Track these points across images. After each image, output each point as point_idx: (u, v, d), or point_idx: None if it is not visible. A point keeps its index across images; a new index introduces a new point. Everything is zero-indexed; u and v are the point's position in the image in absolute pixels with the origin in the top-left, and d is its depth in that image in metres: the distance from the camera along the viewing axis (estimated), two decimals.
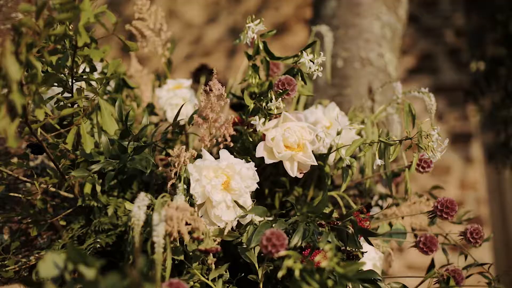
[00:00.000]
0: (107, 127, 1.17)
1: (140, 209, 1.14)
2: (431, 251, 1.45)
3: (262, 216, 1.28)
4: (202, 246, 1.18)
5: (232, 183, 1.28)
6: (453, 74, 4.18)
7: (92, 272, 0.94)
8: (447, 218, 1.40)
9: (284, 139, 1.35)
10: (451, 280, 1.24)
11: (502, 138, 3.59)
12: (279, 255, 1.16)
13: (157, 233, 1.09)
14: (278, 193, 1.55)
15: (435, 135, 1.29)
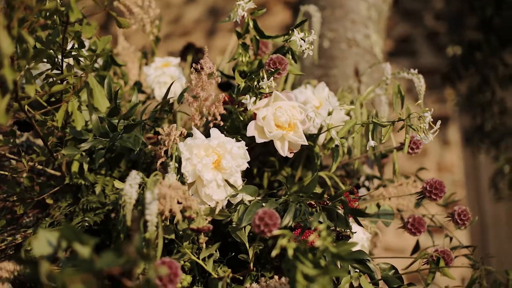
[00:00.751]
0: (99, 105, 1.15)
1: (132, 187, 1.13)
2: (419, 232, 1.46)
3: (253, 195, 1.28)
4: (194, 225, 1.17)
5: (223, 162, 1.28)
6: (432, 58, 4.19)
7: (87, 250, 0.93)
8: (435, 199, 1.41)
9: (275, 118, 1.34)
10: (441, 261, 1.25)
11: (477, 122, 3.62)
12: (272, 234, 1.16)
13: (150, 211, 1.08)
14: (266, 173, 1.54)
15: (428, 117, 1.29)
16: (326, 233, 1.07)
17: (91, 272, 0.90)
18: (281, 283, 1.21)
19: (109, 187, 1.37)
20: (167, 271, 1.00)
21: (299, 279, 1.03)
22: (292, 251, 1.07)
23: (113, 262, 0.91)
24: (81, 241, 0.93)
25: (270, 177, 1.56)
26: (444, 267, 1.24)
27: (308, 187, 1.32)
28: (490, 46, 3.41)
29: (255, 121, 1.35)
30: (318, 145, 1.51)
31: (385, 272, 1.36)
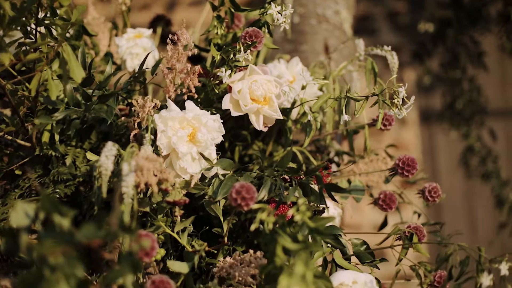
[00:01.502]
0: (74, 75, 1.13)
1: (108, 159, 1.11)
2: (390, 208, 1.47)
3: (228, 169, 1.27)
4: (170, 198, 1.16)
5: (199, 135, 1.26)
6: (392, 36, 4.21)
7: (66, 222, 0.91)
8: (407, 176, 1.42)
9: (251, 92, 1.33)
10: (414, 237, 1.26)
11: (448, 100, 3.65)
12: (249, 208, 1.15)
13: (126, 183, 1.07)
14: (238, 147, 1.54)
15: (403, 92, 1.29)
16: (305, 208, 1.07)
17: (71, 244, 0.88)
18: (256, 257, 1.20)
19: (79, 159, 1.35)
20: (150, 243, 0.99)
21: (279, 253, 1.03)
22: (271, 225, 1.07)
23: (94, 235, 0.90)
24: (60, 212, 0.91)
25: (241, 151, 1.55)
26: (417, 243, 1.25)
27: (282, 162, 1.31)
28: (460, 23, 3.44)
29: (230, 94, 1.34)
30: (291, 119, 1.50)
31: (357, 248, 1.37)
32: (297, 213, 1.07)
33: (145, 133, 1.21)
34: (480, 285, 1.16)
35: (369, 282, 1.27)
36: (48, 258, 0.86)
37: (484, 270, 1.15)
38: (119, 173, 1.11)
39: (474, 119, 3.53)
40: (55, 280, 0.87)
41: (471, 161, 3.51)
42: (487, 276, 1.14)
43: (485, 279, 1.14)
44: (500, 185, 3.43)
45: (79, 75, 1.13)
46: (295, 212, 1.07)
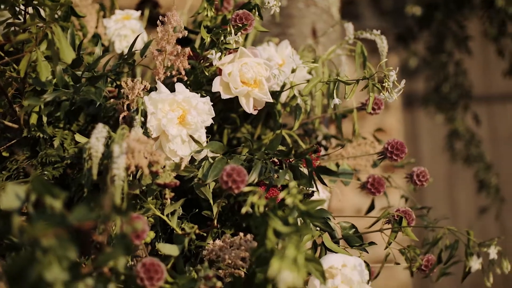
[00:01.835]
0: (64, 55, 1.11)
1: (99, 141, 1.11)
2: (379, 192, 1.48)
3: (218, 151, 1.26)
4: (160, 180, 1.15)
5: (188, 117, 1.26)
6: (376, 21, 4.21)
7: (58, 204, 0.90)
8: (396, 160, 1.42)
9: (241, 74, 1.32)
10: (404, 220, 1.26)
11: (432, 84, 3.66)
12: (239, 191, 1.15)
13: (117, 165, 1.06)
14: (226, 130, 1.53)
15: (393, 76, 1.29)
16: (296, 190, 1.07)
17: (63, 227, 0.87)
18: (247, 239, 1.20)
19: (67, 141, 1.34)
20: (143, 226, 0.99)
21: (270, 236, 1.03)
22: (262, 208, 1.07)
23: (86, 217, 0.89)
24: (52, 194, 0.90)
25: (229, 134, 1.54)
26: (406, 226, 1.26)
27: (271, 145, 1.31)
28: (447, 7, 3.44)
29: (220, 77, 1.33)
30: (280, 102, 1.50)
31: (346, 231, 1.37)
32: (288, 196, 1.07)
33: (135, 115, 1.20)
34: (469, 269, 1.17)
35: (359, 266, 1.27)
36: (41, 240, 0.85)
37: (473, 254, 1.16)
38: (110, 155, 1.10)
39: (459, 103, 3.54)
40: (47, 262, 0.86)
41: (455, 145, 3.53)
42: (476, 259, 1.14)
43: (474, 263, 1.14)
44: (483, 169, 3.45)
45: (69, 56, 1.11)
46: (287, 195, 1.07)
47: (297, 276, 0.91)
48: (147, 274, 1.06)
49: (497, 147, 4.33)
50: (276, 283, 1.08)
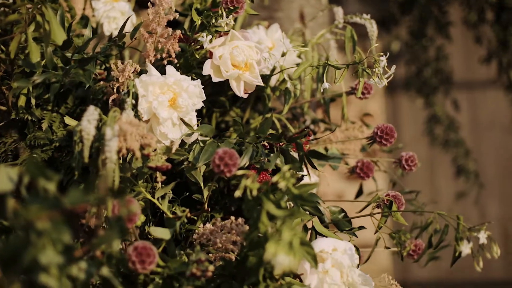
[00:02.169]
0: (56, 37, 1.10)
1: (90, 123, 1.10)
2: (368, 176, 1.48)
3: (209, 135, 1.26)
4: (152, 163, 1.15)
5: (179, 100, 1.25)
6: (358, 6, 4.21)
7: (52, 186, 0.89)
8: (385, 144, 1.42)
9: (232, 57, 1.32)
10: (394, 205, 1.27)
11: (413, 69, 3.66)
12: (231, 174, 1.15)
13: (109, 148, 1.05)
14: (215, 113, 1.52)
15: (384, 61, 1.29)
16: (289, 174, 1.07)
17: (58, 210, 0.86)
18: (238, 223, 1.20)
19: (56, 124, 1.33)
20: (138, 209, 0.98)
21: (264, 220, 1.03)
22: (256, 191, 1.07)
23: (81, 199, 0.88)
24: (46, 176, 0.89)
25: (218, 117, 1.54)
26: (396, 211, 1.26)
27: (262, 128, 1.31)
28: None
29: (211, 60, 1.33)
30: (270, 86, 1.49)
31: (335, 215, 1.38)
32: (282, 180, 1.06)
33: (126, 98, 1.19)
34: (459, 253, 1.17)
35: (349, 250, 1.28)
36: (36, 223, 0.84)
37: (463, 239, 1.16)
38: (101, 138, 1.09)
39: (440, 88, 3.55)
40: (41, 245, 0.85)
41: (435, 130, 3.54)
42: (467, 244, 1.15)
43: (465, 247, 1.15)
44: (462, 155, 3.48)
45: (61, 37, 1.10)
46: (280, 179, 1.07)
47: (293, 260, 0.91)
48: (139, 258, 1.06)
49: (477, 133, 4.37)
50: (270, 266, 1.09)
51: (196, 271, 1.10)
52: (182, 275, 1.12)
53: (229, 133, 1.48)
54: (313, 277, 1.25)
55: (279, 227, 0.95)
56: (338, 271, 1.26)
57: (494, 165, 4.33)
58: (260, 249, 1.08)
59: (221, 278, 1.17)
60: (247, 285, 1.15)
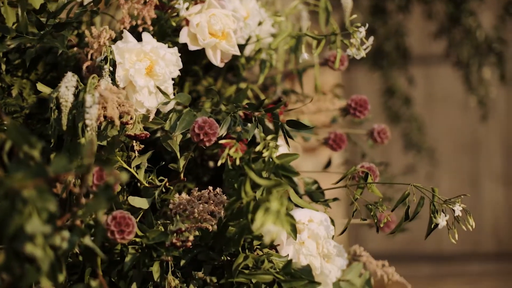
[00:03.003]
0: (33, 1, 1.06)
1: (69, 90, 1.07)
2: (340, 148, 1.49)
3: (186, 103, 1.24)
4: (131, 132, 1.12)
5: (156, 68, 1.22)
6: None
7: (36, 153, 0.87)
8: (359, 116, 1.43)
9: (209, 25, 1.30)
10: (370, 177, 1.27)
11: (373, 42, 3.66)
12: (211, 143, 1.14)
13: (90, 115, 1.02)
14: (187, 82, 1.50)
15: (363, 32, 1.29)
16: (273, 144, 1.07)
17: (43, 177, 0.84)
18: (216, 193, 1.19)
19: (26, 90, 1.29)
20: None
21: (248, 190, 1.02)
22: (238, 161, 1.06)
23: (66, 167, 0.86)
24: (29, 143, 0.87)
25: (190, 86, 1.51)
26: (371, 183, 1.26)
27: (238, 98, 1.30)
28: None
29: (187, 27, 1.30)
30: (244, 56, 1.48)
31: (309, 187, 1.38)
32: (265, 150, 1.06)
33: (104, 65, 1.16)
34: (435, 226, 1.18)
35: (325, 221, 1.28)
36: (21, 191, 0.82)
37: (439, 211, 1.17)
38: (80, 105, 1.07)
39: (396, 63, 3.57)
40: (27, 214, 0.83)
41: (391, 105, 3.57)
42: (444, 217, 1.16)
43: (442, 220, 1.16)
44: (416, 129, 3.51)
45: (38, 1, 1.07)
46: (264, 149, 1.06)
47: (281, 230, 0.90)
48: (118, 228, 1.04)
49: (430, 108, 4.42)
50: (250, 236, 1.08)
51: (176, 241, 1.09)
52: (160, 245, 1.11)
53: (201, 102, 1.46)
54: (289, 248, 1.25)
55: (266, 197, 0.94)
56: (314, 242, 1.26)
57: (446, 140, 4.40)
58: (242, 219, 1.07)
59: (198, 249, 1.17)
60: (225, 256, 1.15)
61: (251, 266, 1.11)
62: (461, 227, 1.19)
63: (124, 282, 1.15)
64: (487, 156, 4.51)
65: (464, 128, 4.49)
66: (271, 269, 1.10)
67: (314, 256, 1.25)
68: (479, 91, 3.29)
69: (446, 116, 4.48)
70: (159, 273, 1.12)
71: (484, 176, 4.49)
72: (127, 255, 1.11)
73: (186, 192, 1.25)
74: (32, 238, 0.83)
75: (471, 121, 4.37)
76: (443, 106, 4.48)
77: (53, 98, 1.10)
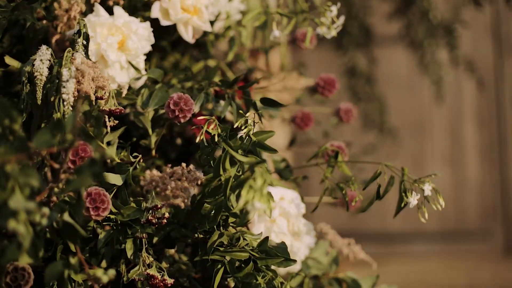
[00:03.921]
0: None
1: (43, 63, 1.05)
2: (307, 126, 1.49)
3: (159, 79, 1.22)
4: (106, 107, 1.11)
5: (129, 42, 1.20)
6: None
7: (18, 127, 0.85)
8: (327, 95, 1.44)
9: (182, 0, 1.28)
10: (340, 155, 1.28)
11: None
12: (186, 120, 1.13)
13: (66, 89, 1.01)
14: (154, 58, 1.48)
15: (334, 11, 1.29)
16: (252, 121, 1.06)
17: (26, 152, 0.82)
18: (190, 170, 1.18)
19: None
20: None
21: (227, 167, 1.02)
22: (217, 137, 1.05)
23: (50, 142, 0.84)
24: (10, 116, 0.85)
25: (157, 62, 1.49)
26: (341, 161, 1.27)
27: (209, 74, 1.29)
28: None
29: (159, 2, 1.28)
30: (213, 32, 1.47)
31: (277, 164, 1.38)
32: (244, 127, 1.05)
33: (77, 38, 1.13)
34: (405, 204, 1.19)
35: (296, 199, 1.29)
36: (4, 166, 0.80)
37: (410, 190, 1.18)
38: (54, 79, 1.05)
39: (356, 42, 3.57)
40: (10, 189, 0.81)
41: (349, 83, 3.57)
42: (415, 195, 1.17)
43: (413, 199, 1.17)
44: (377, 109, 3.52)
45: None
46: (243, 125, 1.06)
47: (265, 206, 0.90)
48: (93, 204, 1.03)
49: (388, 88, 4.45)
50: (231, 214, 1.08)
51: (152, 218, 1.08)
52: (135, 222, 1.10)
53: (168, 78, 1.45)
54: (260, 225, 1.26)
55: (248, 174, 0.94)
56: (285, 220, 1.27)
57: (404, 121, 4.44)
58: (219, 196, 1.07)
59: (170, 226, 1.16)
60: (199, 233, 1.15)
61: (226, 243, 1.10)
62: (409, 207, 1.21)
63: (96, 260, 1.14)
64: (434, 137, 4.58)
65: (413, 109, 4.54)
66: (246, 247, 1.10)
67: (285, 234, 1.26)
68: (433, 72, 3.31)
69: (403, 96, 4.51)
70: (133, 250, 1.11)
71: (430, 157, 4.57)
72: (100, 232, 1.10)
73: (155, 169, 1.24)
74: (15, 214, 0.81)
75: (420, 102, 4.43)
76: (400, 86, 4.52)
77: (25, 72, 1.07)
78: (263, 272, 1.07)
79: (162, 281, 1.07)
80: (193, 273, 1.24)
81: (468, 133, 4.54)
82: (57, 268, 0.94)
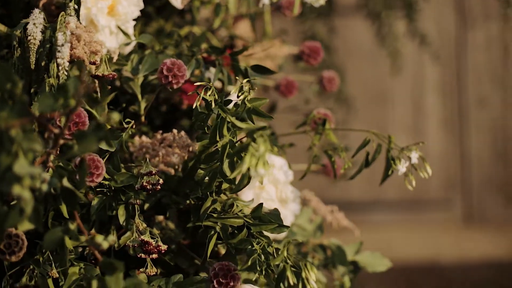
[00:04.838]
0: None
1: (37, 27, 1.03)
2: (290, 93, 1.49)
3: (149, 44, 1.21)
4: (99, 72, 1.09)
5: (119, 7, 1.19)
6: None
7: (19, 91, 0.83)
8: (313, 63, 1.44)
9: None
10: (327, 123, 1.28)
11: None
12: (178, 86, 1.12)
13: (62, 54, 0.99)
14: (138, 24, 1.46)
15: None
16: (248, 87, 1.06)
17: (29, 117, 0.81)
18: (181, 136, 1.18)
19: None
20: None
21: (225, 133, 1.02)
22: (214, 104, 1.05)
23: (52, 107, 0.83)
24: (11, 80, 0.83)
25: (141, 27, 1.47)
26: (329, 129, 1.28)
27: (197, 41, 1.28)
28: None
29: None
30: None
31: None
32: (240, 93, 1.05)
33: (68, 2, 1.11)
34: (391, 172, 1.20)
35: (284, 166, 1.29)
36: (8, 131, 0.79)
37: (401, 158, 1.19)
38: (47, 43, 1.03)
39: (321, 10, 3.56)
40: (14, 154, 0.80)
41: None
42: (404, 163, 1.18)
43: (402, 167, 1.18)
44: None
45: None
46: (238, 92, 1.05)
47: (267, 172, 0.90)
48: (87, 170, 1.02)
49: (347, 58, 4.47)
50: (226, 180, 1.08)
51: (147, 184, 1.07)
52: (129, 188, 1.09)
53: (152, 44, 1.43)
54: (249, 192, 1.26)
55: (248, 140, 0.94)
56: (273, 187, 1.28)
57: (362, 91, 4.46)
58: (214, 162, 1.07)
59: (161, 192, 1.15)
60: (191, 199, 1.14)
61: (219, 210, 1.10)
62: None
63: (87, 226, 1.13)
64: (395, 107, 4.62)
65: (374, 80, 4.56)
66: (240, 213, 1.10)
67: (273, 201, 1.27)
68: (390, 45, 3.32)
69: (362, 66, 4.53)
70: (125, 216, 1.10)
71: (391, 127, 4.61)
72: (93, 198, 1.09)
73: (144, 135, 1.23)
74: (19, 179, 0.80)
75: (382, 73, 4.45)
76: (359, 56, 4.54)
77: (16, 36, 1.05)
78: (257, 239, 1.08)
79: (156, 247, 1.07)
80: (181, 239, 1.24)
81: (429, 104, 4.57)
82: (57, 234, 0.93)
